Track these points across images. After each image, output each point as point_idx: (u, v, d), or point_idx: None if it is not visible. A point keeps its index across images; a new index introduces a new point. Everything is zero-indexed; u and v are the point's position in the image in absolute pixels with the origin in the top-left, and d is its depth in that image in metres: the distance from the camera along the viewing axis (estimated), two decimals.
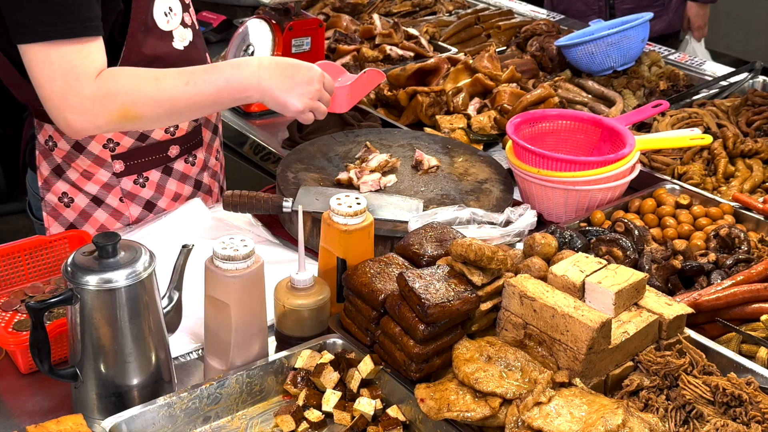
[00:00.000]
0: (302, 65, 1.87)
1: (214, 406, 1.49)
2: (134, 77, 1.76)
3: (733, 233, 1.93)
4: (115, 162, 1.99)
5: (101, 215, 2.04)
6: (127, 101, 1.73)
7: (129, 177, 2.02)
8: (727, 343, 1.65)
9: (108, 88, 1.71)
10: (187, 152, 2.10)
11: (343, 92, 1.98)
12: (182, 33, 1.96)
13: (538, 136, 2.23)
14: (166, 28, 1.92)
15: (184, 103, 1.78)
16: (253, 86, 1.81)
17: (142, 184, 2.04)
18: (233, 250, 1.49)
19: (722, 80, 2.90)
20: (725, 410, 1.42)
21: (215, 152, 2.22)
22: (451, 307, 1.45)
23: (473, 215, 1.95)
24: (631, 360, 1.51)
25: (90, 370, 1.45)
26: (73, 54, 1.68)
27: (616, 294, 1.49)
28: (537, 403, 1.36)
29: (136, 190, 2.04)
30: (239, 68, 1.82)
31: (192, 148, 2.11)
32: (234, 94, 1.81)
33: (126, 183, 2.02)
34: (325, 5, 3.60)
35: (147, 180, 2.04)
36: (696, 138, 2.24)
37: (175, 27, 1.95)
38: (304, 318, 1.63)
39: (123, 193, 2.03)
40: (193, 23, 2.02)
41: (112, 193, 2.02)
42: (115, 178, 2.01)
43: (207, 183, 2.17)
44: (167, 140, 2.04)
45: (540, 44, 3.10)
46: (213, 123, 2.19)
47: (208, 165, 2.18)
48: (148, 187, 2.05)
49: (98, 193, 2.02)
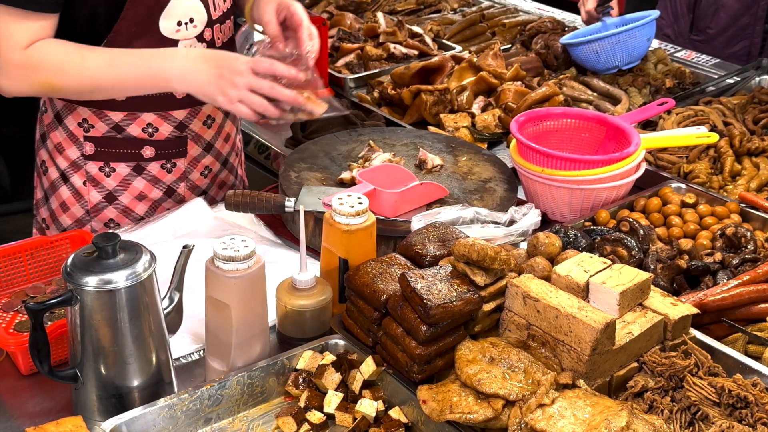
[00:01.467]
0: (229, 57, 1.82)
1: (215, 408, 1.48)
2: (61, 52, 1.81)
3: (739, 232, 1.91)
4: (87, 143, 1.99)
5: (64, 192, 2.06)
6: (50, 74, 1.81)
7: (96, 162, 2.01)
8: (733, 343, 1.64)
9: (34, 61, 1.80)
10: (164, 158, 2.05)
11: (391, 198, 1.93)
12: (192, 45, 1.94)
13: (542, 135, 2.22)
14: (172, 36, 1.90)
15: (107, 83, 1.84)
16: (177, 77, 1.82)
17: (107, 173, 2.02)
18: (234, 250, 1.48)
19: (728, 78, 2.88)
20: (731, 412, 1.41)
21: (203, 168, 2.13)
22: (453, 308, 1.43)
23: (477, 215, 1.94)
24: (636, 361, 1.50)
25: (90, 372, 1.44)
26: (8, 22, 1.77)
27: (621, 294, 1.47)
28: (540, 404, 1.34)
29: (100, 177, 2.03)
30: (165, 58, 1.83)
31: (172, 155, 2.06)
32: (157, 82, 1.84)
33: (92, 167, 2.02)
34: (328, 3, 3.59)
35: (113, 171, 2.02)
36: (702, 136, 2.22)
37: (187, 38, 1.92)
38: (305, 319, 1.62)
39: (87, 176, 2.02)
40: (212, 39, 1.98)
41: (78, 173, 2.03)
42: (82, 159, 2.01)
43: (181, 193, 2.11)
44: (143, 139, 2.01)
45: (545, 42, 3.08)
46: (206, 140, 2.11)
47: (188, 177, 2.11)
48: (112, 178, 2.03)
49: (66, 170, 2.03)
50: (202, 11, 1.93)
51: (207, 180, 2.16)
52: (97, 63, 1.81)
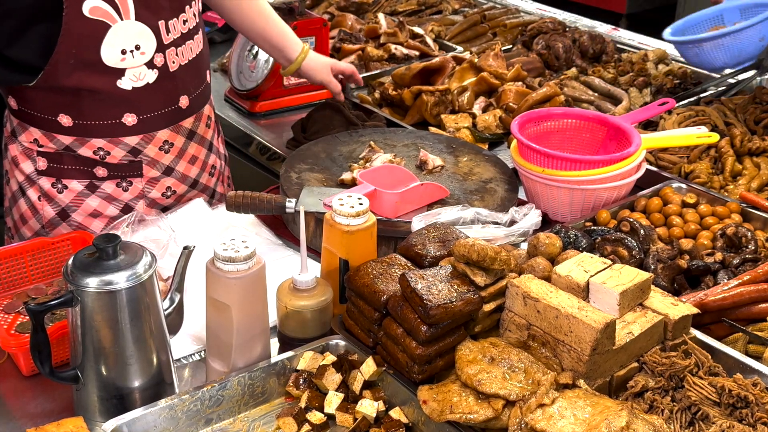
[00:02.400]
0: None
1: (216, 408, 1.48)
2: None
3: (740, 232, 1.91)
4: (39, 158, 1.97)
5: (22, 205, 2.04)
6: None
7: (48, 178, 1.98)
8: (734, 343, 1.64)
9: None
10: (118, 177, 1.99)
11: (392, 198, 1.93)
12: (141, 72, 1.88)
13: (543, 135, 2.22)
14: (117, 65, 1.84)
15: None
16: None
17: (60, 189, 1.98)
18: (234, 251, 1.48)
19: (730, 78, 2.88)
20: (731, 412, 1.41)
21: (164, 188, 2.06)
22: (453, 308, 1.44)
23: (477, 215, 1.94)
24: (636, 361, 1.50)
25: (91, 373, 1.44)
26: None
27: (621, 294, 1.47)
28: (540, 404, 1.34)
29: (53, 194, 1.99)
30: None
31: (127, 176, 2.00)
32: None
33: (44, 182, 1.98)
34: (329, 4, 3.59)
35: (66, 188, 1.98)
36: (703, 136, 2.22)
37: (135, 66, 1.86)
38: (306, 319, 1.62)
39: (41, 191, 2.00)
40: (165, 64, 1.92)
41: (32, 187, 2.01)
42: (36, 174, 1.99)
43: (140, 210, 2.01)
44: (95, 160, 1.96)
45: (546, 42, 3.08)
46: (164, 164, 2.04)
47: (147, 195, 2.04)
48: (65, 195, 1.98)
49: (22, 183, 2.02)
50: (150, 37, 1.86)
51: (171, 200, 2.09)
52: None
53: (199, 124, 2.10)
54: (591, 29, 3.29)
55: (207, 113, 2.13)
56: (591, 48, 3.09)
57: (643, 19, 7.07)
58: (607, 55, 3.11)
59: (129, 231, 1.85)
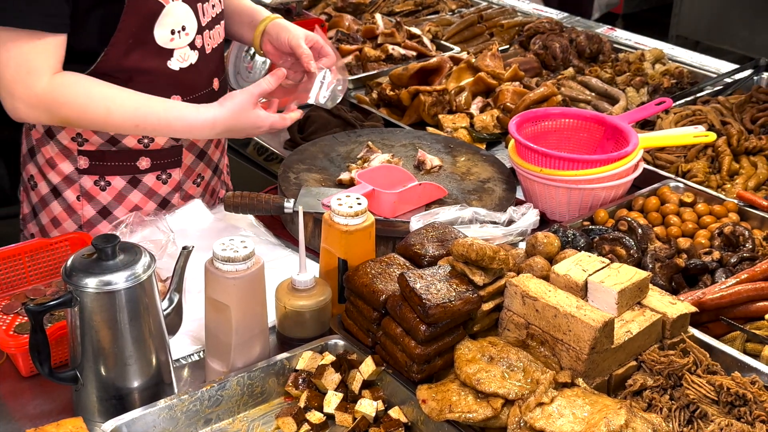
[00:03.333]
0: (248, 118, 1.88)
1: (215, 408, 1.48)
2: (85, 96, 1.79)
3: (737, 231, 1.91)
4: (81, 157, 1.96)
5: (56, 208, 2.02)
6: (71, 115, 1.80)
7: (90, 176, 1.98)
8: (732, 341, 1.64)
9: (57, 96, 1.77)
10: (160, 168, 2.01)
11: (390, 198, 1.93)
12: (185, 53, 1.92)
13: (540, 135, 2.22)
14: (167, 45, 1.88)
15: (129, 134, 1.92)
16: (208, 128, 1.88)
17: (102, 187, 1.98)
18: (233, 251, 1.48)
19: (726, 77, 2.89)
20: (729, 410, 1.41)
21: (195, 176, 2.10)
22: (452, 308, 1.44)
23: (475, 215, 1.94)
24: (635, 360, 1.50)
25: (90, 373, 1.44)
26: (29, 47, 1.72)
27: (619, 293, 1.48)
28: (539, 403, 1.35)
29: (95, 192, 1.99)
30: (192, 129, 1.87)
31: (167, 166, 2.02)
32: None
33: (86, 181, 1.98)
34: (327, 5, 3.60)
35: (109, 185, 1.98)
36: (700, 135, 2.22)
37: (180, 46, 1.90)
38: (305, 319, 1.63)
39: (81, 191, 1.99)
40: (203, 46, 1.96)
41: (71, 188, 1.99)
42: (76, 173, 1.98)
43: (175, 204, 2.07)
44: (139, 150, 1.97)
45: (543, 42, 3.09)
46: (199, 147, 2.09)
47: (182, 187, 2.07)
48: (107, 192, 1.99)
49: (58, 185, 2.00)
50: (193, 19, 1.90)
51: (200, 189, 2.13)
52: (122, 120, 1.81)
53: None
54: (588, 29, 3.30)
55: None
56: (588, 48, 3.09)
57: (639, 19, 7.08)
58: (604, 55, 3.12)
59: (128, 231, 1.85)
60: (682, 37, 6.50)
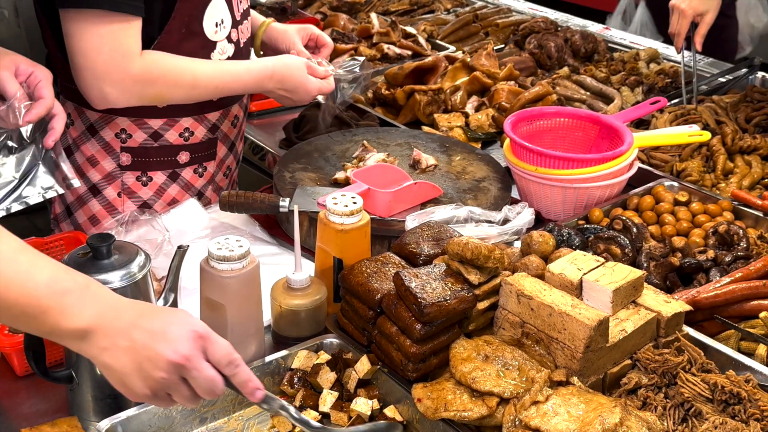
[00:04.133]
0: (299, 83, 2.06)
1: (211, 407, 1.48)
2: (174, 69, 1.85)
3: (731, 230, 1.92)
4: (123, 154, 2.00)
5: (95, 206, 2.04)
6: (163, 90, 1.86)
7: (133, 172, 2.02)
8: (726, 340, 1.64)
9: (150, 74, 1.82)
10: (197, 162, 2.08)
11: (385, 198, 1.94)
12: (224, 47, 1.97)
13: (535, 134, 2.23)
14: (213, 38, 1.93)
15: (210, 97, 1.98)
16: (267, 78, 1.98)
17: (144, 182, 2.03)
18: (228, 250, 1.48)
19: (721, 77, 2.89)
20: (724, 408, 1.42)
21: (225, 168, 2.19)
22: (447, 306, 1.44)
23: (471, 214, 1.94)
24: (629, 358, 1.50)
25: (85, 373, 1.44)
26: (121, 31, 1.75)
27: (614, 292, 1.48)
28: (534, 402, 1.35)
29: (137, 188, 2.03)
30: (258, 79, 1.99)
31: (203, 159, 2.09)
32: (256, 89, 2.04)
33: (128, 178, 2.02)
34: (322, 4, 3.60)
35: (150, 180, 2.03)
36: (694, 135, 2.23)
37: (221, 39, 1.95)
38: (300, 318, 1.63)
39: (122, 187, 2.02)
40: (238, 40, 2.01)
41: (112, 185, 2.02)
42: (119, 170, 2.01)
43: (208, 196, 2.15)
44: (179, 145, 2.03)
45: (538, 42, 3.09)
46: (231, 140, 2.16)
47: (215, 179, 2.15)
48: (149, 187, 2.04)
49: (98, 183, 2.03)
50: (228, 13, 1.96)
51: (228, 180, 2.22)
52: (205, 84, 1.90)
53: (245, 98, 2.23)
54: (583, 28, 3.30)
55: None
56: (583, 47, 3.10)
57: None
58: (598, 54, 3.12)
59: (123, 230, 1.85)
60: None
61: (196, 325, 1.20)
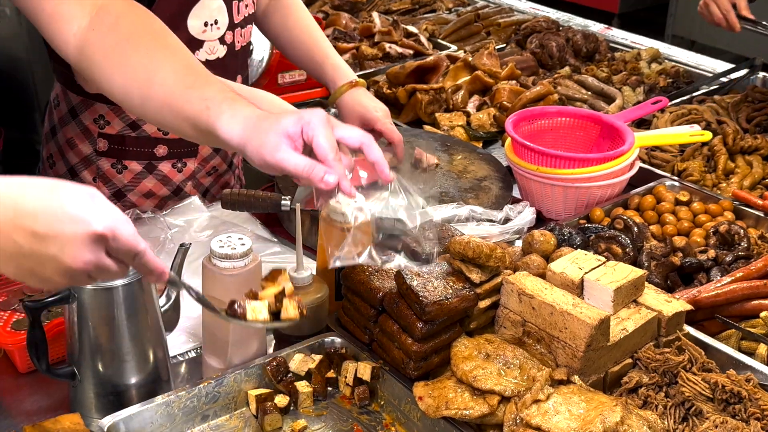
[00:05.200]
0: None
1: (213, 405, 1.48)
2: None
3: (732, 230, 1.92)
4: (100, 140, 1.99)
5: None
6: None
7: (108, 159, 2.01)
8: (727, 339, 1.65)
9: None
10: (176, 157, 2.06)
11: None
12: (214, 47, 1.95)
13: (537, 133, 2.23)
14: (198, 36, 1.92)
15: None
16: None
17: (119, 170, 2.02)
18: (231, 248, 1.48)
19: (722, 77, 2.90)
20: (724, 407, 1.42)
21: (210, 168, 2.16)
22: (449, 305, 1.44)
23: (472, 213, 1.95)
24: (630, 357, 1.51)
25: (88, 369, 1.45)
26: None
27: (615, 291, 1.48)
28: (535, 400, 1.35)
29: (111, 174, 2.02)
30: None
31: (183, 155, 2.07)
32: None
33: (104, 163, 2.01)
34: (324, 3, 3.60)
35: (125, 168, 2.02)
36: (696, 134, 2.23)
37: (211, 39, 1.94)
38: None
39: (97, 173, 2.02)
40: (233, 43, 1.99)
41: (88, 169, 2.02)
42: (95, 155, 2.01)
43: (188, 192, 2.12)
44: (158, 138, 2.01)
45: (540, 41, 3.09)
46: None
47: (196, 176, 2.13)
48: (124, 176, 2.03)
49: (75, 165, 2.03)
50: (226, 14, 1.94)
51: (211, 178, 2.19)
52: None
53: None
54: (584, 28, 3.30)
55: None
56: (584, 47, 3.10)
57: (635, 19, 7.09)
58: (600, 54, 3.13)
59: None
60: (678, 36, 6.51)
61: (93, 219, 1.04)
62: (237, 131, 1.37)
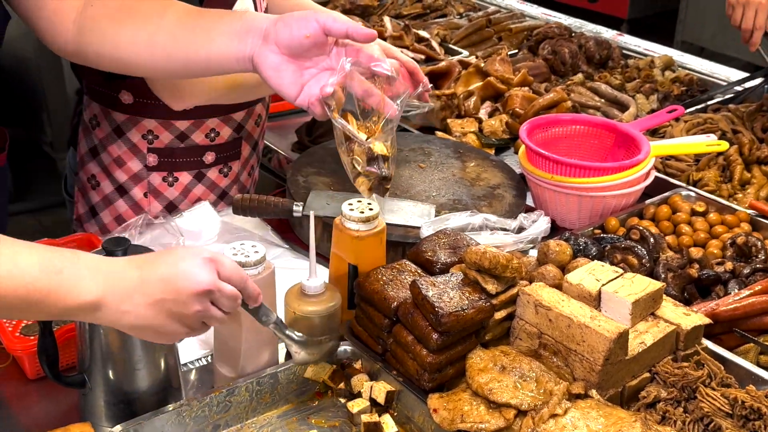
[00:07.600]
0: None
1: (224, 414, 1.46)
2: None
3: (750, 242, 1.90)
4: (150, 155, 2.01)
5: (121, 206, 2.06)
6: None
7: (159, 173, 2.03)
8: (745, 354, 1.62)
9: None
10: (222, 162, 2.10)
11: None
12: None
13: (551, 141, 2.21)
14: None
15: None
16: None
17: (170, 183, 2.05)
18: (244, 256, 1.47)
19: (737, 85, 2.87)
20: (744, 423, 1.40)
21: (249, 168, 2.20)
22: (465, 316, 1.42)
23: (486, 221, 1.93)
24: (648, 371, 1.48)
25: (98, 377, 1.43)
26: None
27: (633, 304, 1.46)
28: (553, 415, 1.33)
29: (163, 188, 2.05)
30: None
31: (228, 159, 2.11)
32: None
33: (155, 178, 2.04)
34: (335, 7, 3.58)
35: (176, 180, 2.05)
36: (713, 144, 2.21)
37: None
38: (314, 325, 1.60)
39: (149, 188, 2.04)
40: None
41: (138, 186, 2.04)
42: (145, 171, 2.03)
43: (232, 195, 2.15)
44: (205, 145, 2.04)
45: (552, 47, 3.07)
46: (254, 139, 2.17)
47: (239, 179, 2.17)
48: (175, 188, 2.05)
49: (125, 183, 2.04)
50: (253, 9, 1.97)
51: (251, 179, 2.23)
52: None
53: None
54: (597, 35, 3.28)
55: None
56: (597, 53, 3.08)
57: (644, 24, 7.07)
58: (613, 61, 3.11)
59: (136, 234, 1.84)
60: (687, 42, 6.48)
61: (200, 251, 1.24)
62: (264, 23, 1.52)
